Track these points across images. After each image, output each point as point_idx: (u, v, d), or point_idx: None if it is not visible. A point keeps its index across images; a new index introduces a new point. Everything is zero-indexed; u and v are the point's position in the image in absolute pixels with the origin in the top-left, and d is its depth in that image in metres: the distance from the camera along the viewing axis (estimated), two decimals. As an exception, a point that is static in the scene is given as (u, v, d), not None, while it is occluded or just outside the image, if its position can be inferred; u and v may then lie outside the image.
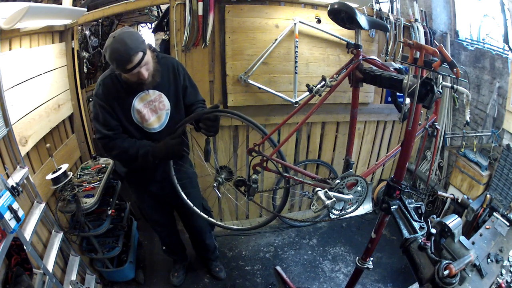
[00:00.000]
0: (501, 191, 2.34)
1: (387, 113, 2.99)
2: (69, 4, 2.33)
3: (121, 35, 1.42)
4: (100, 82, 1.61)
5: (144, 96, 1.65)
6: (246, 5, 2.35)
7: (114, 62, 1.45)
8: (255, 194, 1.62)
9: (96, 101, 1.61)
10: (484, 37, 2.63)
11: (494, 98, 2.45)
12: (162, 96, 1.69)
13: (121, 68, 1.46)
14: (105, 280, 2.36)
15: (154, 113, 1.69)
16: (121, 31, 1.45)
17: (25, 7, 1.49)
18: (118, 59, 1.42)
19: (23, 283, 1.43)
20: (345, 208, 1.45)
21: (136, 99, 1.63)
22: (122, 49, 1.39)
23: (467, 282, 1.49)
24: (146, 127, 1.70)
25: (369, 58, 1.49)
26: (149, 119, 1.68)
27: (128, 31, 1.48)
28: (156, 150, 1.65)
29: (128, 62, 1.42)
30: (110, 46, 1.42)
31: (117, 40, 1.41)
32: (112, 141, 1.63)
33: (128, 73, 1.48)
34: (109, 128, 1.63)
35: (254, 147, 1.63)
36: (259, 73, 2.47)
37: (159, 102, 1.69)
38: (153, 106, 1.68)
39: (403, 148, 1.36)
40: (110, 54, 1.43)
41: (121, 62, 1.43)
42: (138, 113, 1.65)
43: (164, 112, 1.72)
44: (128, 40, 1.41)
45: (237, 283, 2.48)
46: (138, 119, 1.67)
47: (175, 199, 1.88)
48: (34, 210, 1.72)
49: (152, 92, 1.66)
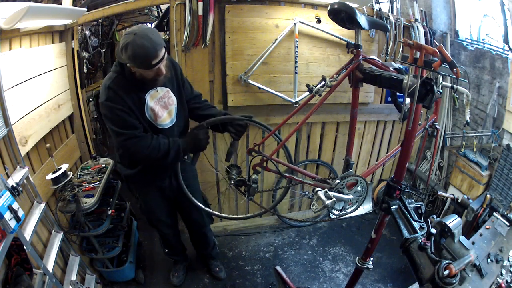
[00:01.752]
0: (501, 191, 2.34)
1: (387, 113, 2.99)
2: (69, 4, 2.33)
3: (143, 31, 1.40)
4: (108, 86, 1.54)
5: (154, 93, 1.64)
6: (246, 5, 2.35)
7: (138, 59, 1.41)
8: (255, 194, 1.62)
9: (110, 106, 1.54)
10: (484, 37, 2.63)
11: (494, 98, 2.45)
12: (169, 92, 1.71)
13: (146, 64, 1.43)
14: (105, 280, 2.36)
15: (165, 109, 1.70)
16: (140, 28, 1.43)
17: (25, 7, 1.49)
18: (144, 55, 1.39)
19: (23, 283, 1.43)
20: (345, 208, 1.45)
21: (148, 97, 1.62)
22: (148, 45, 1.37)
23: (467, 282, 1.49)
24: (159, 124, 1.69)
25: (369, 58, 1.49)
26: (162, 115, 1.68)
27: (147, 27, 1.46)
28: (186, 144, 1.66)
29: (155, 57, 1.41)
30: (133, 42, 1.37)
31: (141, 36, 1.38)
32: (140, 140, 1.59)
33: (151, 68, 1.45)
34: (133, 128, 1.59)
35: (254, 147, 1.63)
36: (259, 73, 2.47)
37: (168, 98, 1.70)
38: (163, 102, 1.69)
39: (403, 148, 1.36)
40: (134, 50, 1.38)
41: (148, 58, 1.40)
42: (152, 111, 1.64)
43: (173, 107, 1.73)
44: (152, 36, 1.39)
45: (237, 283, 2.48)
46: (152, 117, 1.66)
47: (180, 192, 1.93)
48: (34, 210, 1.72)
49: (160, 89, 1.66)
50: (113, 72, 1.59)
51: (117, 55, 1.54)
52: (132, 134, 1.58)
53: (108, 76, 1.61)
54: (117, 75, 1.57)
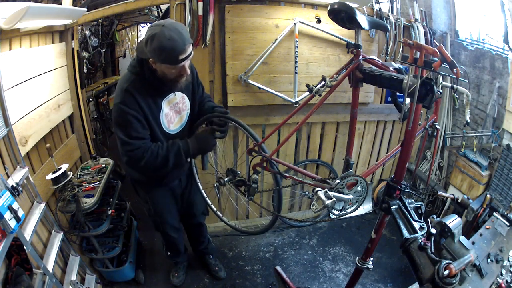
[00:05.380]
0: (501, 191, 2.34)
1: (387, 113, 2.99)
2: (69, 4, 2.33)
3: (172, 24, 1.33)
4: (126, 89, 1.46)
5: (172, 98, 1.60)
6: (246, 5, 2.35)
7: (164, 52, 1.33)
8: (255, 194, 1.62)
9: (124, 110, 1.45)
10: (484, 37, 2.63)
11: (494, 98, 2.45)
12: (184, 97, 1.69)
13: (172, 59, 1.35)
14: (105, 280, 2.36)
15: (178, 114, 1.67)
16: (168, 20, 1.36)
17: (25, 7, 1.49)
18: (172, 48, 1.31)
19: (23, 283, 1.43)
20: (345, 208, 1.45)
21: (164, 103, 1.58)
22: (177, 38, 1.31)
23: (467, 282, 1.49)
24: (171, 130, 1.66)
25: (369, 58, 1.49)
26: (174, 121, 1.65)
27: (176, 21, 1.40)
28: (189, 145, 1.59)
29: (183, 52, 1.34)
30: (161, 33, 1.29)
31: (170, 28, 1.31)
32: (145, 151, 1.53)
33: (176, 64, 1.38)
34: (140, 139, 1.52)
35: (254, 147, 1.63)
36: (259, 73, 2.47)
37: (182, 103, 1.68)
38: (178, 107, 1.66)
39: (403, 148, 1.36)
40: (161, 42, 1.30)
41: (175, 52, 1.33)
42: (166, 117, 1.61)
43: (186, 113, 1.72)
44: (181, 30, 1.34)
45: (237, 283, 2.48)
46: (166, 124, 1.62)
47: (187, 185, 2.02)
48: (34, 210, 1.72)
49: (178, 94, 1.63)
50: (130, 73, 1.51)
51: (138, 50, 1.47)
52: (138, 146, 1.52)
53: (125, 77, 1.53)
54: (136, 77, 1.49)
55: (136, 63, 1.50)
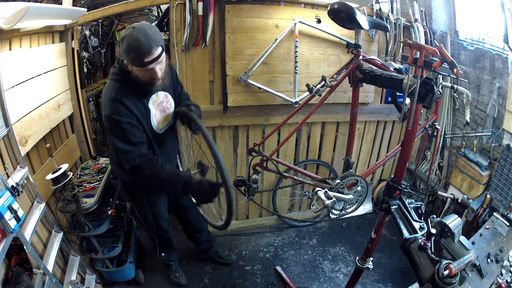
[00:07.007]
0: (501, 191, 2.34)
1: (387, 113, 2.99)
2: (69, 4, 2.33)
3: (142, 26, 1.35)
4: (114, 98, 1.45)
5: (155, 99, 1.62)
6: (246, 5, 2.35)
7: (131, 53, 1.34)
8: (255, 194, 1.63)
9: (117, 120, 1.45)
10: (484, 37, 2.63)
11: (494, 98, 2.45)
12: (168, 95, 1.69)
13: (138, 61, 1.36)
14: (105, 280, 2.36)
15: (163, 113, 1.68)
16: (140, 23, 1.38)
17: (25, 7, 1.49)
18: (138, 50, 1.33)
19: (23, 283, 1.43)
20: (345, 208, 1.46)
21: (150, 104, 1.58)
22: (143, 39, 1.32)
23: (467, 282, 1.49)
24: (158, 129, 1.66)
25: (369, 58, 1.50)
26: (161, 120, 1.66)
27: (149, 24, 1.41)
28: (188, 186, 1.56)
29: (148, 54, 1.34)
30: (129, 35, 1.32)
31: (138, 30, 1.33)
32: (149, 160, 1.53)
33: (143, 67, 1.38)
34: (140, 144, 1.53)
35: (254, 147, 1.63)
36: (259, 73, 2.47)
37: (166, 102, 1.69)
38: (162, 107, 1.67)
39: (403, 148, 1.36)
40: (128, 44, 1.33)
41: (140, 54, 1.34)
42: (155, 117, 1.63)
43: (171, 111, 1.72)
44: (149, 32, 1.34)
45: (237, 283, 2.48)
46: (156, 125, 1.64)
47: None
48: (34, 210, 1.72)
49: (160, 93, 1.64)
50: (114, 81, 1.51)
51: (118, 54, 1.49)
52: (139, 152, 1.52)
53: (109, 86, 1.52)
54: (120, 84, 1.49)
55: (117, 70, 1.51)
